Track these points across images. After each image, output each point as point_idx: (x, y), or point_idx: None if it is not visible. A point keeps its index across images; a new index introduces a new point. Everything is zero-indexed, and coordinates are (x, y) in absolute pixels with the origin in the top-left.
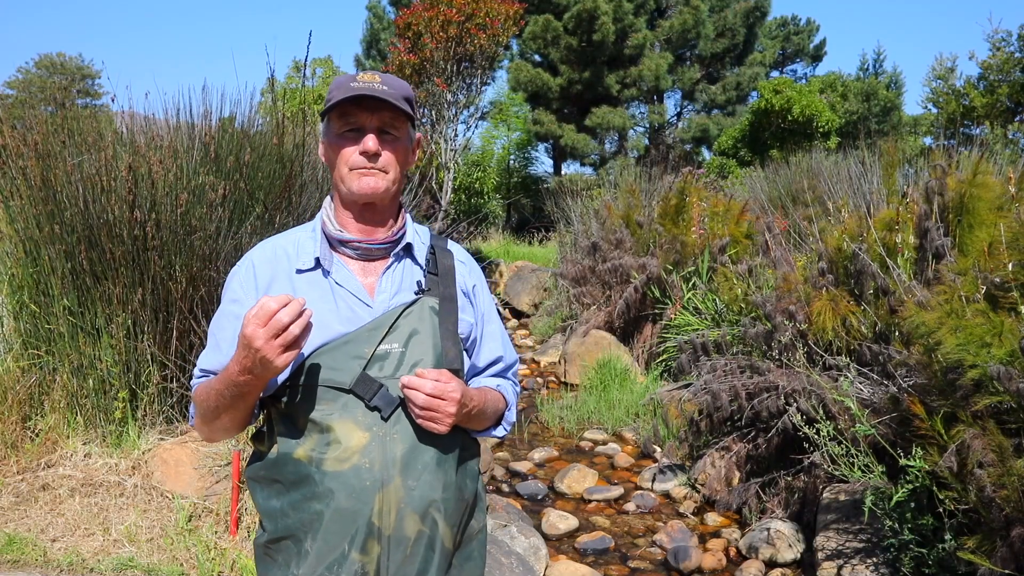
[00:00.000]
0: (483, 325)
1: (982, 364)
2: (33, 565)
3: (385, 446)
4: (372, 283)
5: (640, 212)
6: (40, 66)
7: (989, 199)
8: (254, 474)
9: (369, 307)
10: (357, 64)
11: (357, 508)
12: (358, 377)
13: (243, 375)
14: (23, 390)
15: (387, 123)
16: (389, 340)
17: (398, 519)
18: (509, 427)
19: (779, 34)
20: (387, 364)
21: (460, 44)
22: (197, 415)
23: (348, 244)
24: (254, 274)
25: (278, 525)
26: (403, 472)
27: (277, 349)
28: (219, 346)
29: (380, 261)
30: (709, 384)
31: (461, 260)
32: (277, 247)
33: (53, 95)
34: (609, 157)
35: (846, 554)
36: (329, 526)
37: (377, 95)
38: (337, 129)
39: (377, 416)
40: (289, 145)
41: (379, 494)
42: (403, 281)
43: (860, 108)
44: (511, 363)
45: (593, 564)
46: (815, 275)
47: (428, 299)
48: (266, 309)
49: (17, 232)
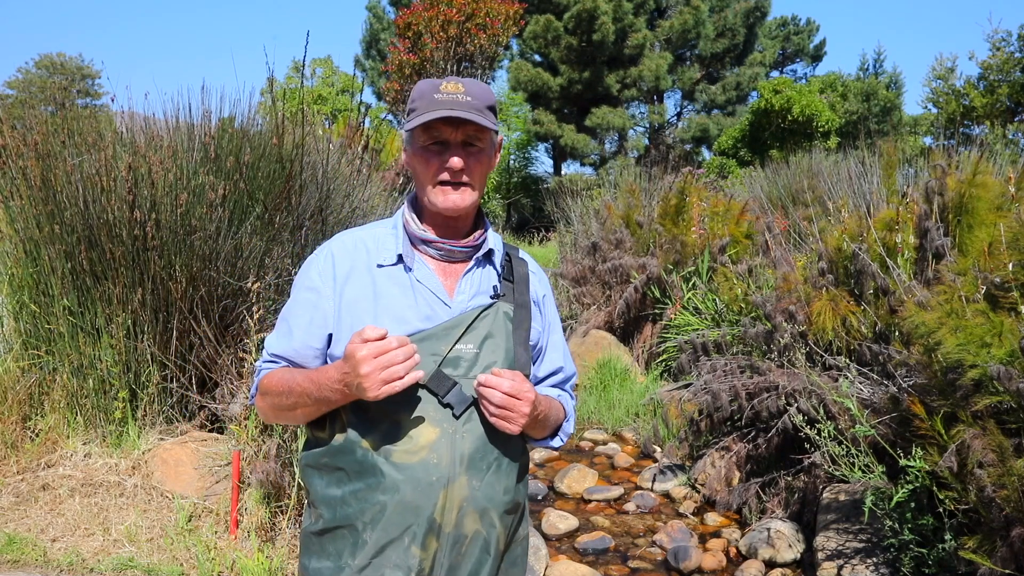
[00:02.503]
0: (548, 335)
1: (982, 364)
2: (33, 565)
3: (454, 443)
4: (452, 284)
5: (640, 212)
6: (40, 66)
7: (989, 199)
8: (314, 461)
9: (447, 307)
10: (357, 64)
11: (421, 503)
12: (433, 373)
13: (338, 385)
14: (23, 390)
15: (471, 136)
16: (465, 340)
17: (459, 517)
18: (566, 438)
19: (779, 34)
20: (462, 363)
21: (460, 44)
22: (267, 401)
23: (432, 244)
24: (333, 263)
25: (337, 513)
26: (468, 471)
27: (379, 383)
28: (291, 332)
29: (461, 264)
30: (709, 384)
31: (533, 271)
32: (357, 240)
33: (53, 95)
34: (609, 157)
35: (846, 554)
36: (391, 518)
37: (461, 115)
38: (422, 142)
39: (448, 413)
40: (289, 145)
41: (444, 490)
42: (481, 285)
43: (860, 108)
44: (570, 375)
45: (593, 564)
46: (815, 275)
47: (503, 304)
48: (384, 344)
49: (17, 232)
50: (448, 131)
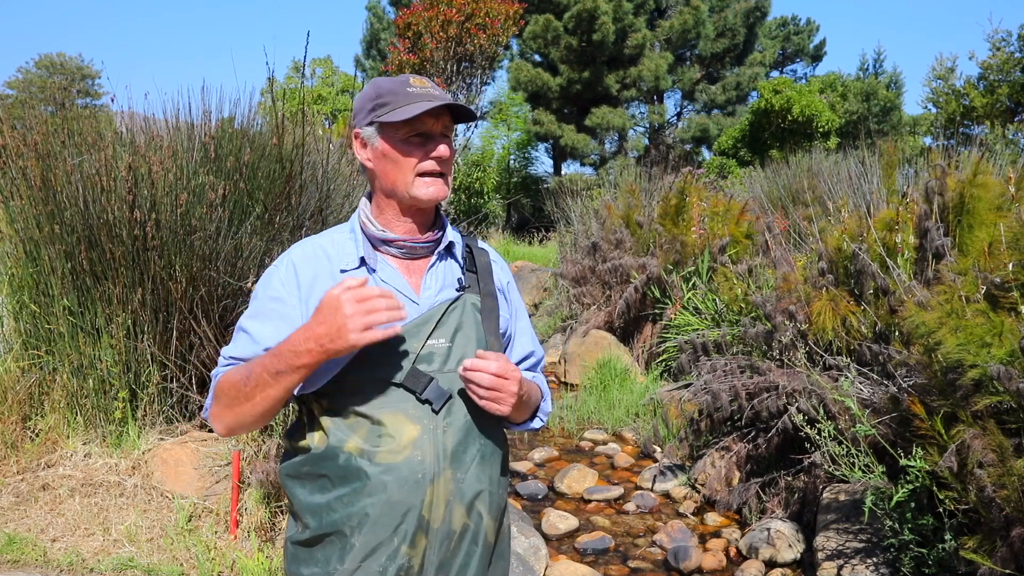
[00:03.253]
0: (516, 321)
1: (982, 364)
2: (33, 565)
3: (436, 439)
4: (417, 281)
5: (640, 212)
6: (40, 66)
7: (989, 199)
8: (294, 471)
9: (416, 303)
10: (357, 64)
11: (409, 501)
12: (409, 371)
13: (310, 344)
14: (23, 390)
15: (446, 127)
16: (436, 335)
17: (447, 512)
18: (546, 418)
19: (779, 34)
20: (435, 358)
21: (460, 44)
22: (220, 402)
23: (393, 243)
24: (295, 272)
25: (323, 521)
26: (453, 464)
27: (361, 326)
28: (255, 340)
29: (423, 260)
30: (709, 384)
31: (494, 259)
32: (317, 247)
33: (53, 95)
34: (609, 157)
35: (846, 554)
36: (379, 519)
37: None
38: (403, 135)
39: (428, 409)
40: (289, 145)
41: (430, 487)
42: (446, 278)
43: (860, 108)
44: (540, 358)
45: (593, 564)
46: (815, 275)
47: (470, 296)
48: (367, 290)
49: (17, 232)
50: (431, 122)
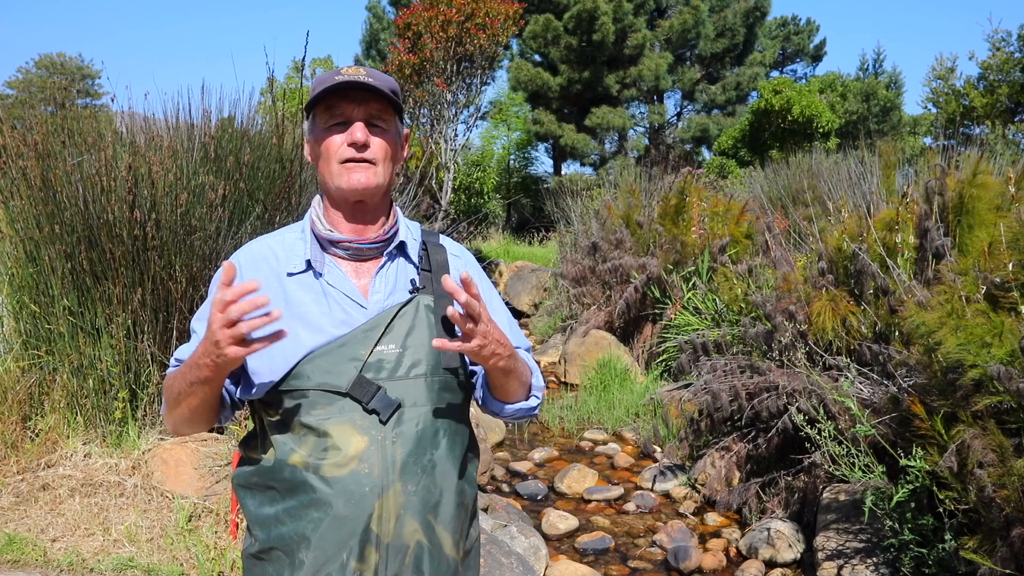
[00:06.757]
0: None
1: (982, 364)
2: (33, 565)
3: (384, 450)
4: (366, 284)
5: (640, 212)
6: (40, 66)
7: (989, 199)
8: (245, 481)
9: (363, 308)
10: (356, 64)
11: (356, 515)
12: (355, 380)
13: (203, 358)
14: (23, 390)
15: (375, 115)
16: (385, 341)
17: (397, 525)
18: (541, 395)
19: (779, 34)
20: (384, 366)
21: (460, 44)
22: (165, 404)
23: (339, 244)
24: (239, 274)
25: (271, 533)
26: (403, 476)
27: (228, 339)
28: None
29: (373, 261)
30: (709, 384)
31: (455, 254)
32: (266, 247)
33: (53, 95)
34: (609, 157)
35: (846, 554)
36: (326, 534)
37: (363, 84)
38: (323, 123)
39: (375, 419)
40: (289, 145)
41: (379, 500)
42: (397, 280)
43: (860, 108)
44: (526, 348)
45: (593, 564)
46: (815, 275)
47: (423, 297)
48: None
49: (17, 232)
50: (351, 108)
